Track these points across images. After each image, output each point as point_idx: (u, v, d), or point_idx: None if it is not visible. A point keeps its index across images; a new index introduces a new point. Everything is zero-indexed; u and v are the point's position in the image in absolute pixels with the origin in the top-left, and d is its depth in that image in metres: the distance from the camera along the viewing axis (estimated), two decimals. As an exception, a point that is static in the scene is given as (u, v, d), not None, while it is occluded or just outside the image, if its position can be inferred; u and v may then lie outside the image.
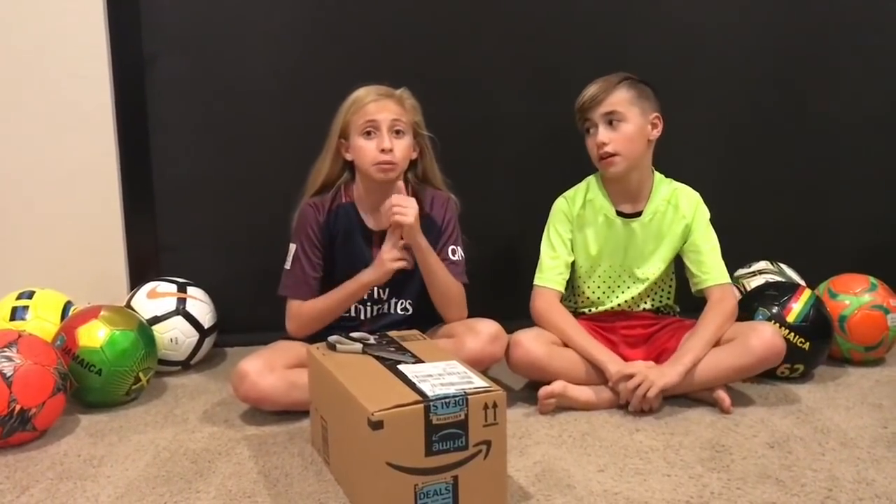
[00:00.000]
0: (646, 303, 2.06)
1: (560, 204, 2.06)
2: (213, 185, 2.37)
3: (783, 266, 2.38)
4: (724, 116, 2.50)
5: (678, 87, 2.42)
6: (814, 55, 2.49)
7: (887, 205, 2.60)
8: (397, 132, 1.88)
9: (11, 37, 2.21)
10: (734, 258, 2.40)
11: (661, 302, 2.08)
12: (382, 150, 1.85)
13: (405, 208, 1.82)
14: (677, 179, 2.06)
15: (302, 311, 1.93)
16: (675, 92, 2.39)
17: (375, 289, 1.94)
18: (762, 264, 2.38)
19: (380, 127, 1.86)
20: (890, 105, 2.55)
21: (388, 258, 1.86)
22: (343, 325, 1.93)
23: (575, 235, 2.03)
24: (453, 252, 1.97)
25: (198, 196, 2.37)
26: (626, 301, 2.04)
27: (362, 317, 1.97)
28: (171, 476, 1.58)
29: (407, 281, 1.95)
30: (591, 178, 2.06)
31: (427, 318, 1.96)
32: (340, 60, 2.31)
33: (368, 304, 1.96)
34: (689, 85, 2.45)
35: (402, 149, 1.88)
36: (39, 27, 2.21)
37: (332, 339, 1.64)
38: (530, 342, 1.89)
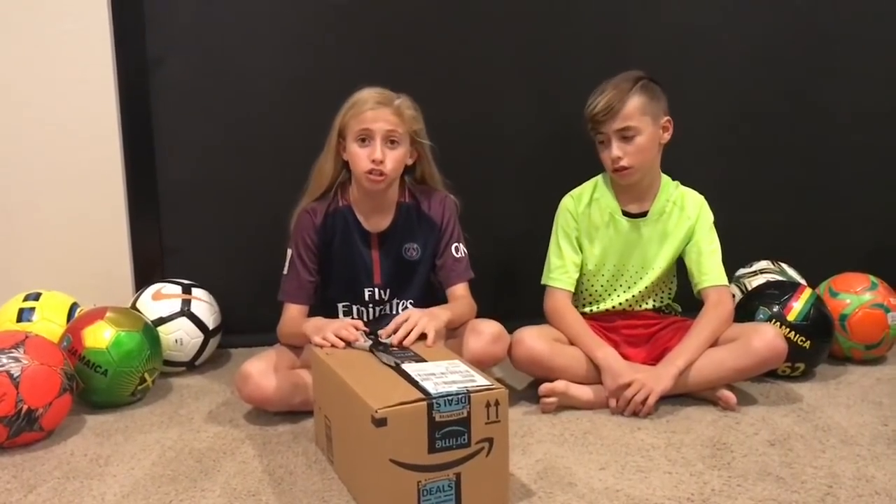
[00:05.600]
0: (647, 303, 2.07)
1: (566, 202, 2.07)
2: (217, 188, 2.38)
3: (784, 265, 2.38)
4: (725, 116, 2.51)
5: (679, 88, 2.41)
6: (815, 55, 2.50)
7: (888, 204, 2.61)
8: (392, 142, 1.87)
9: (17, 40, 2.22)
10: (735, 258, 2.41)
11: (662, 302, 2.09)
12: (373, 161, 1.85)
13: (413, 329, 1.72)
14: (679, 179, 2.07)
15: (287, 320, 1.93)
16: (677, 92, 2.39)
17: (377, 290, 1.96)
18: (763, 264, 2.39)
19: (374, 136, 1.85)
20: (890, 104, 2.55)
21: (330, 330, 1.72)
22: None
23: (581, 233, 2.04)
24: (456, 249, 1.98)
25: (202, 198, 2.39)
26: (626, 300, 2.05)
27: (365, 318, 1.98)
28: (177, 475, 1.59)
29: (407, 281, 1.97)
30: (599, 178, 2.07)
31: None
32: (344, 64, 2.32)
33: (370, 305, 1.97)
34: (691, 85, 2.45)
35: (394, 159, 1.87)
36: (44, 31, 2.22)
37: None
38: (533, 339, 1.90)
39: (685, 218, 2.03)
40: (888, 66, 2.53)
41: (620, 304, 2.05)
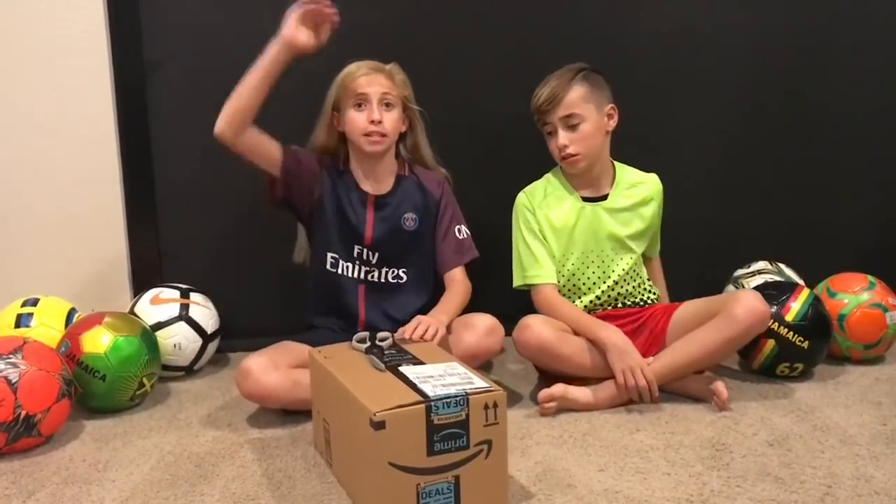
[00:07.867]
0: (627, 288, 2.07)
1: (521, 199, 2.10)
2: (215, 192, 2.38)
3: (782, 266, 2.39)
4: (722, 116, 2.51)
5: (677, 87, 2.44)
6: (813, 54, 2.50)
7: (886, 204, 2.61)
8: (387, 105, 1.94)
9: (14, 45, 2.22)
10: (733, 258, 2.42)
11: (642, 297, 2.10)
12: (372, 122, 1.91)
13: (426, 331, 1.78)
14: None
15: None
16: (674, 92, 2.41)
17: (365, 250, 2.00)
18: (761, 264, 2.39)
19: (370, 100, 1.92)
20: (888, 104, 2.55)
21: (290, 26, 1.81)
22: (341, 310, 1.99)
23: (542, 225, 2.05)
24: (459, 231, 2.05)
25: (200, 202, 2.39)
26: (609, 286, 2.05)
27: (352, 275, 2.01)
28: (176, 480, 1.59)
29: (400, 251, 2.01)
30: (550, 174, 2.11)
31: (425, 285, 2.05)
32: (341, 66, 2.31)
33: (358, 263, 2.00)
34: (688, 85, 2.46)
35: (391, 121, 1.95)
36: (41, 35, 2.23)
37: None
38: (540, 325, 1.91)
39: (649, 198, 2.09)
40: (886, 66, 2.54)
41: (604, 291, 2.05)
